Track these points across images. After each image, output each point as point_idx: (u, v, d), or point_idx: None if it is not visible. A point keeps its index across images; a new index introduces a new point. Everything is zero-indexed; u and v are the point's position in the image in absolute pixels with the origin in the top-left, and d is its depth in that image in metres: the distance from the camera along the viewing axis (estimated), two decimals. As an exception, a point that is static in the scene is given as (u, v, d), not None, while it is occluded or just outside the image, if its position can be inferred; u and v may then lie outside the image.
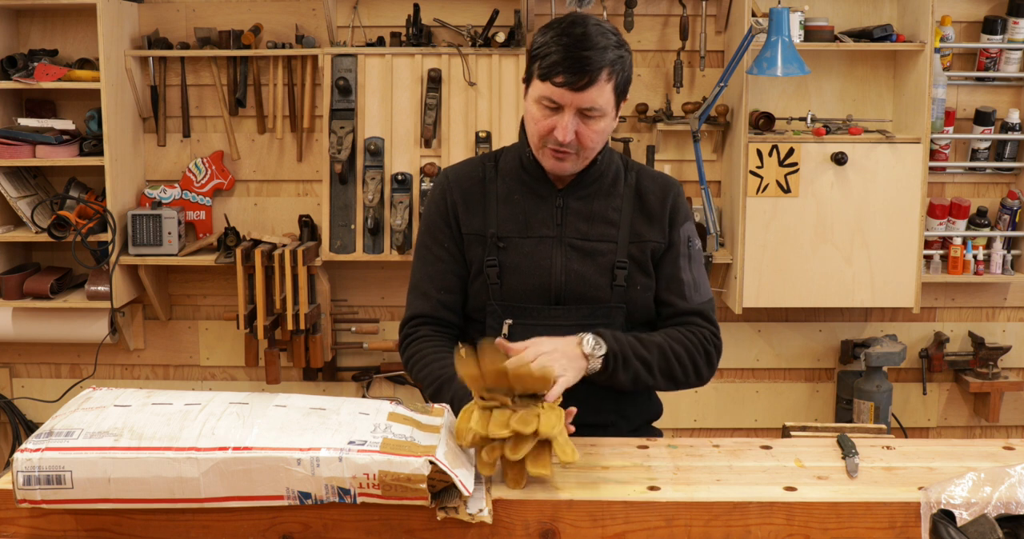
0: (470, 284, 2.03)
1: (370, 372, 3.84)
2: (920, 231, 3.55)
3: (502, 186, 2.03)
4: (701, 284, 2.04)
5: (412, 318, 2.05)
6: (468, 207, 2.03)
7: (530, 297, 1.99)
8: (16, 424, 3.90)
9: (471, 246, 2.02)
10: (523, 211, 2.01)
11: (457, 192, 2.04)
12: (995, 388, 3.80)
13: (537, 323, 1.97)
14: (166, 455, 1.45)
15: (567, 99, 1.85)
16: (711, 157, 3.77)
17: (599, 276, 1.98)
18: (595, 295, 1.98)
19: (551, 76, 1.84)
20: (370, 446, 1.48)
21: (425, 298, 2.04)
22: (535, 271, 1.98)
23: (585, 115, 1.88)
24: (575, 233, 1.99)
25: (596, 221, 2.00)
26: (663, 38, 3.72)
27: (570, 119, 1.87)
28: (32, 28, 3.70)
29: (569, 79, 1.83)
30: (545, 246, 1.99)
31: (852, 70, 3.71)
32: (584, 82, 1.83)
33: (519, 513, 1.53)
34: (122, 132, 3.57)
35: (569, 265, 1.98)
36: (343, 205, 3.63)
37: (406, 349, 2.04)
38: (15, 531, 1.53)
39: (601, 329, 1.87)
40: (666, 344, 1.94)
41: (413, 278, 2.08)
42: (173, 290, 3.89)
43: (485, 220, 2.01)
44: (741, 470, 1.67)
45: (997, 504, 1.47)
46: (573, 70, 1.82)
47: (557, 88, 1.84)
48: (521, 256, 1.99)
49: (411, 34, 3.59)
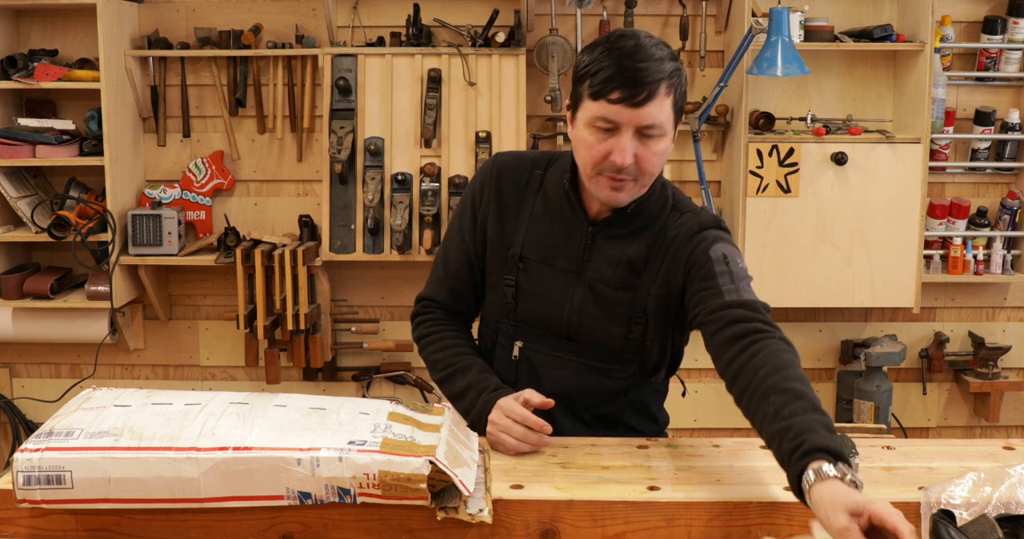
0: (488, 289, 1.97)
1: (370, 372, 3.84)
2: (920, 231, 3.55)
3: (540, 202, 1.90)
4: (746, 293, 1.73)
5: (425, 299, 2.03)
6: (501, 211, 1.92)
7: (542, 326, 1.91)
8: (16, 424, 3.90)
9: (493, 254, 1.93)
10: (551, 236, 1.88)
11: (495, 192, 1.92)
12: (995, 388, 3.80)
13: (547, 352, 1.93)
14: (166, 455, 1.45)
15: (625, 117, 1.68)
16: (711, 157, 3.77)
17: (614, 325, 1.87)
18: (608, 341, 1.88)
19: (606, 93, 1.67)
20: (370, 446, 1.48)
21: (440, 284, 2.01)
22: (550, 303, 1.89)
23: (644, 135, 1.70)
24: (596, 274, 1.85)
25: (621, 267, 1.84)
26: (663, 38, 3.70)
27: (628, 140, 1.69)
28: (32, 28, 3.70)
29: (626, 94, 1.66)
30: (564, 280, 1.87)
31: (852, 70, 3.71)
32: (643, 96, 1.66)
33: (519, 513, 1.53)
34: (122, 132, 3.57)
35: (585, 306, 1.87)
36: (343, 205, 3.63)
37: (418, 326, 2.02)
38: (15, 531, 1.53)
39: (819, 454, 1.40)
40: (789, 374, 1.57)
41: (438, 254, 2.03)
42: (173, 290, 3.89)
43: (513, 235, 1.90)
44: (741, 470, 1.67)
45: (997, 504, 1.47)
46: (630, 84, 1.66)
47: (613, 105, 1.67)
48: (539, 284, 1.89)
49: (411, 34, 3.59)
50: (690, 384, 3.88)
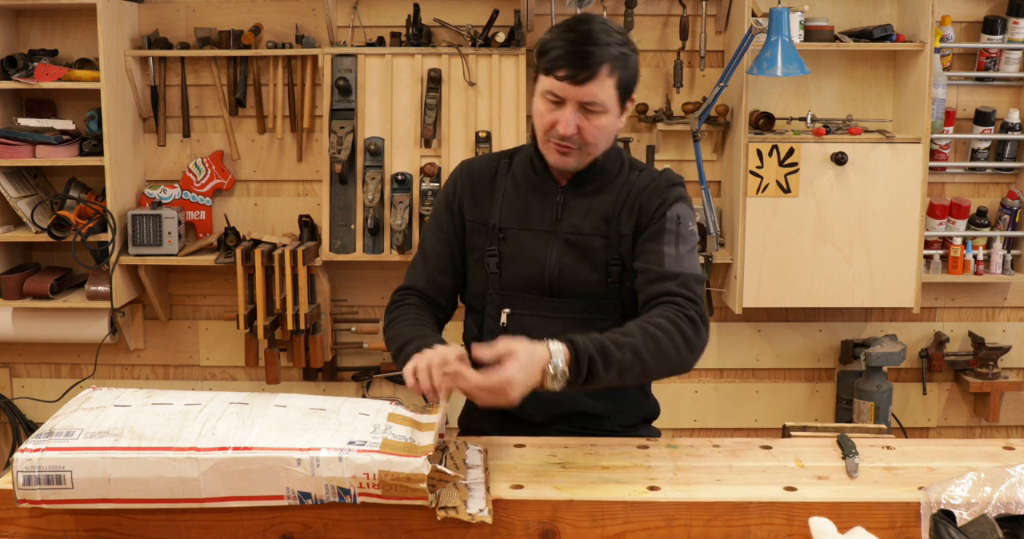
0: (471, 270, 2.11)
1: (370, 372, 3.84)
2: (920, 231, 3.55)
3: (511, 181, 2.09)
4: (686, 261, 1.93)
5: (404, 288, 2.15)
6: (475, 197, 2.10)
7: (527, 288, 2.04)
8: (16, 424, 3.90)
9: (474, 233, 2.09)
10: (525, 205, 2.06)
11: (468, 182, 2.12)
12: (995, 388, 3.80)
13: (533, 314, 2.04)
14: (166, 455, 1.45)
15: (568, 93, 1.90)
16: (711, 157, 3.77)
17: (593, 272, 2.01)
18: (589, 290, 2.02)
19: (554, 70, 1.89)
20: (370, 446, 1.48)
21: (420, 274, 2.14)
22: (531, 263, 2.03)
23: (587, 110, 1.92)
24: (570, 228, 2.03)
25: (592, 216, 2.02)
26: (663, 38, 3.72)
27: (572, 113, 1.91)
28: (32, 28, 3.70)
29: (570, 73, 1.88)
30: (541, 239, 2.04)
31: (852, 70, 3.71)
32: (584, 76, 1.88)
33: (519, 513, 1.53)
34: (122, 132, 3.57)
35: (563, 259, 2.02)
36: (343, 205, 3.63)
37: (390, 312, 2.11)
38: (15, 531, 1.53)
39: (573, 334, 1.73)
40: (644, 322, 1.81)
41: (417, 252, 2.18)
42: (173, 290, 3.89)
43: (490, 211, 2.08)
44: (741, 470, 1.67)
45: (997, 504, 1.47)
46: (574, 64, 1.87)
47: (559, 82, 1.89)
48: (519, 248, 2.05)
49: (411, 34, 3.59)
50: (690, 384, 3.88)
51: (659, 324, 1.81)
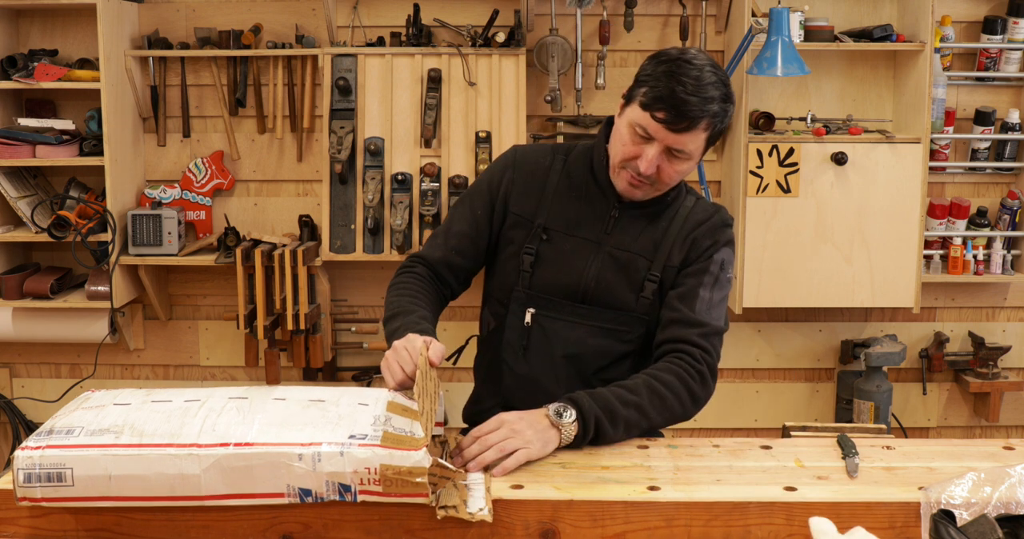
0: (502, 262, 2.08)
1: (370, 372, 3.84)
2: (920, 231, 3.55)
3: (564, 181, 2.07)
4: (716, 310, 1.98)
5: (418, 256, 2.13)
6: (525, 189, 2.07)
7: (557, 292, 2.03)
8: (16, 424, 3.90)
9: (515, 227, 2.06)
10: (576, 210, 2.04)
11: (518, 172, 2.09)
12: (995, 388, 3.80)
13: (558, 317, 2.03)
14: (167, 452, 1.45)
15: (660, 135, 1.87)
16: (711, 157, 3.77)
17: (627, 289, 2.01)
18: (619, 305, 2.01)
19: (652, 109, 1.86)
20: (371, 440, 1.48)
21: (438, 249, 2.11)
22: (569, 270, 2.02)
23: (672, 154, 1.90)
24: (618, 244, 2.01)
25: (643, 238, 2.02)
26: (663, 38, 3.72)
27: (656, 154, 1.89)
28: (32, 28, 3.70)
29: (668, 118, 1.85)
30: (586, 249, 2.02)
31: (852, 70, 3.72)
32: (683, 126, 1.85)
33: (519, 513, 1.53)
34: (122, 132, 3.57)
35: (603, 273, 2.01)
36: (343, 205, 3.63)
37: (396, 276, 2.10)
38: (15, 531, 1.53)
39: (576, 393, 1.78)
40: (652, 379, 1.86)
41: (443, 224, 2.15)
42: (173, 290, 3.89)
43: (538, 207, 2.05)
44: (741, 470, 1.67)
45: (997, 504, 1.47)
46: (676, 112, 1.84)
47: (654, 122, 1.86)
48: (560, 252, 2.03)
49: (411, 34, 3.59)
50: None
51: (667, 381, 1.86)
